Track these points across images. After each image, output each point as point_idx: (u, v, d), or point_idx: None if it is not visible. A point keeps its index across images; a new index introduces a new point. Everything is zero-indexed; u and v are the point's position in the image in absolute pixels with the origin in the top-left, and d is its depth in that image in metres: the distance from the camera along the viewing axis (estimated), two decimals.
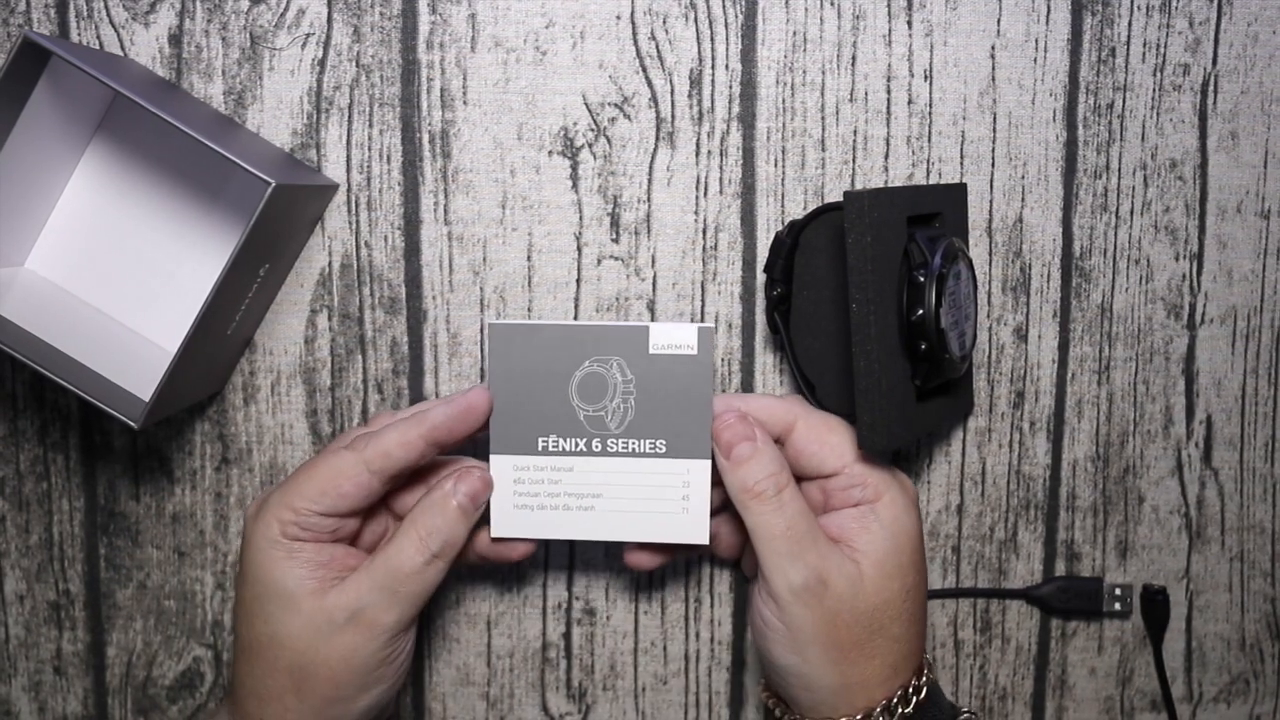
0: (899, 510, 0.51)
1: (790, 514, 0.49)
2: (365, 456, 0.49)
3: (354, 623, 0.48)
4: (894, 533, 0.50)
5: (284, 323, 0.57)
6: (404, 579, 0.48)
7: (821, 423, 0.52)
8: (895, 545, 0.50)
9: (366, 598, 0.48)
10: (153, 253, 0.55)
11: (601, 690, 0.60)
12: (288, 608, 0.48)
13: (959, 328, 0.53)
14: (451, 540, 0.49)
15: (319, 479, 0.49)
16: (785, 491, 0.49)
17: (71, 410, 0.57)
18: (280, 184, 0.47)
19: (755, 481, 0.49)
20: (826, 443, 0.51)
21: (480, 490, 0.50)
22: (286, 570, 0.48)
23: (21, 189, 0.52)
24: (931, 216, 0.55)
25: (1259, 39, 0.58)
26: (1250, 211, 0.59)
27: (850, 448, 0.51)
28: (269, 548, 0.49)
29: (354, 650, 0.48)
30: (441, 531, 0.48)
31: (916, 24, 0.57)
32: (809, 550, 0.48)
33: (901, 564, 0.50)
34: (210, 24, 0.55)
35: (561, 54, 0.56)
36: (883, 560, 0.49)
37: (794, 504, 0.49)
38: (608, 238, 0.57)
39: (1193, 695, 0.62)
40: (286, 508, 0.48)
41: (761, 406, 0.52)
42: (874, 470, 0.51)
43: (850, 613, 0.48)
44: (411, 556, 0.48)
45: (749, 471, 0.49)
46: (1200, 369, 0.59)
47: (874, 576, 0.49)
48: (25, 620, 0.58)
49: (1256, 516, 0.61)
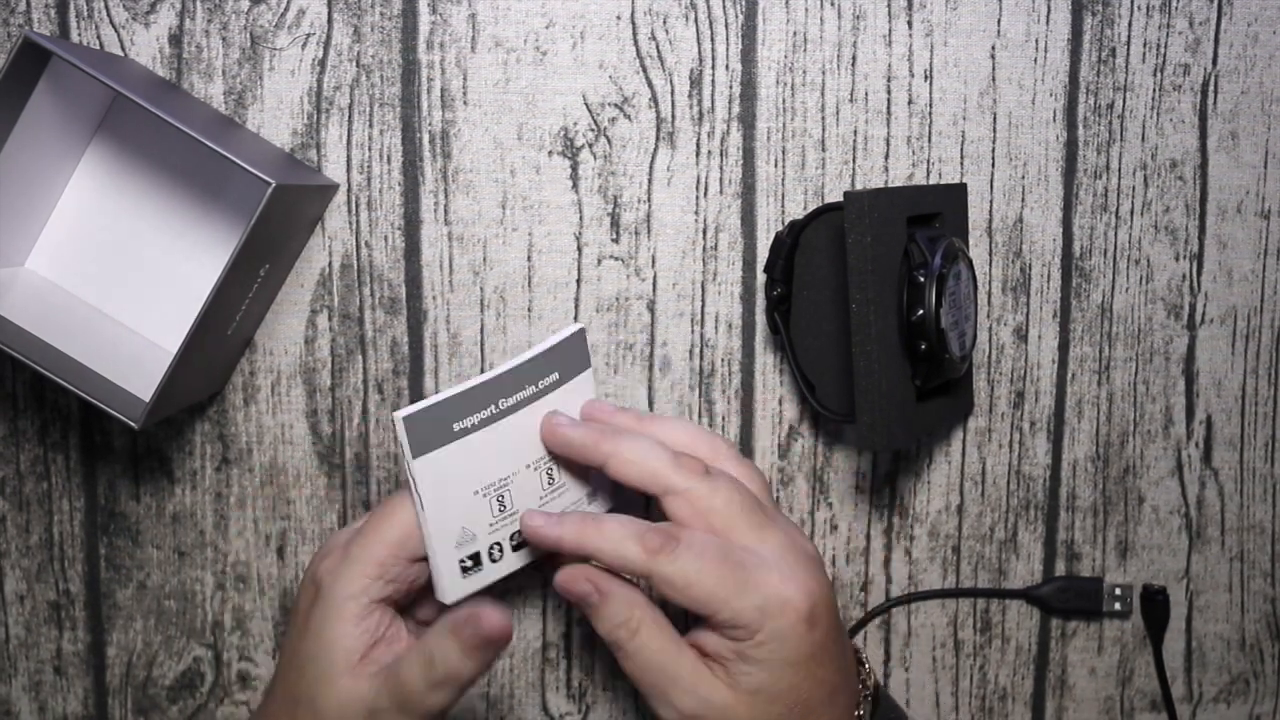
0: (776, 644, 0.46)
1: (643, 661, 0.47)
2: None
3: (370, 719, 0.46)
4: (770, 666, 0.47)
5: (284, 323, 0.57)
6: (408, 698, 0.46)
7: (678, 572, 0.46)
8: (771, 678, 0.47)
9: (380, 703, 0.46)
10: (153, 253, 0.55)
11: (601, 690, 0.60)
12: (330, 676, 0.47)
13: (959, 328, 0.53)
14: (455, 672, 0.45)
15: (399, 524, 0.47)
16: (636, 638, 0.47)
17: (71, 410, 0.57)
18: (280, 184, 0.47)
19: (605, 633, 0.47)
20: (685, 595, 0.46)
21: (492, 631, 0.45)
22: (345, 633, 0.47)
23: (21, 189, 0.52)
24: (931, 216, 0.55)
25: (1259, 39, 0.58)
26: (1250, 211, 0.59)
27: (714, 596, 0.46)
28: (344, 603, 0.47)
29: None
30: (445, 661, 0.45)
31: (916, 24, 0.57)
32: (670, 690, 0.47)
33: (781, 690, 0.47)
34: (210, 24, 0.55)
35: (562, 54, 0.56)
36: (757, 691, 0.47)
37: (647, 649, 0.47)
38: (608, 238, 0.57)
39: (1193, 695, 0.62)
40: (372, 562, 0.47)
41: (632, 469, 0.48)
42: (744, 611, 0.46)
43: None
44: (415, 679, 0.46)
45: (598, 626, 0.48)
46: (1200, 369, 0.59)
47: (750, 704, 0.47)
48: (25, 620, 0.58)
49: (1256, 516, 0.61)
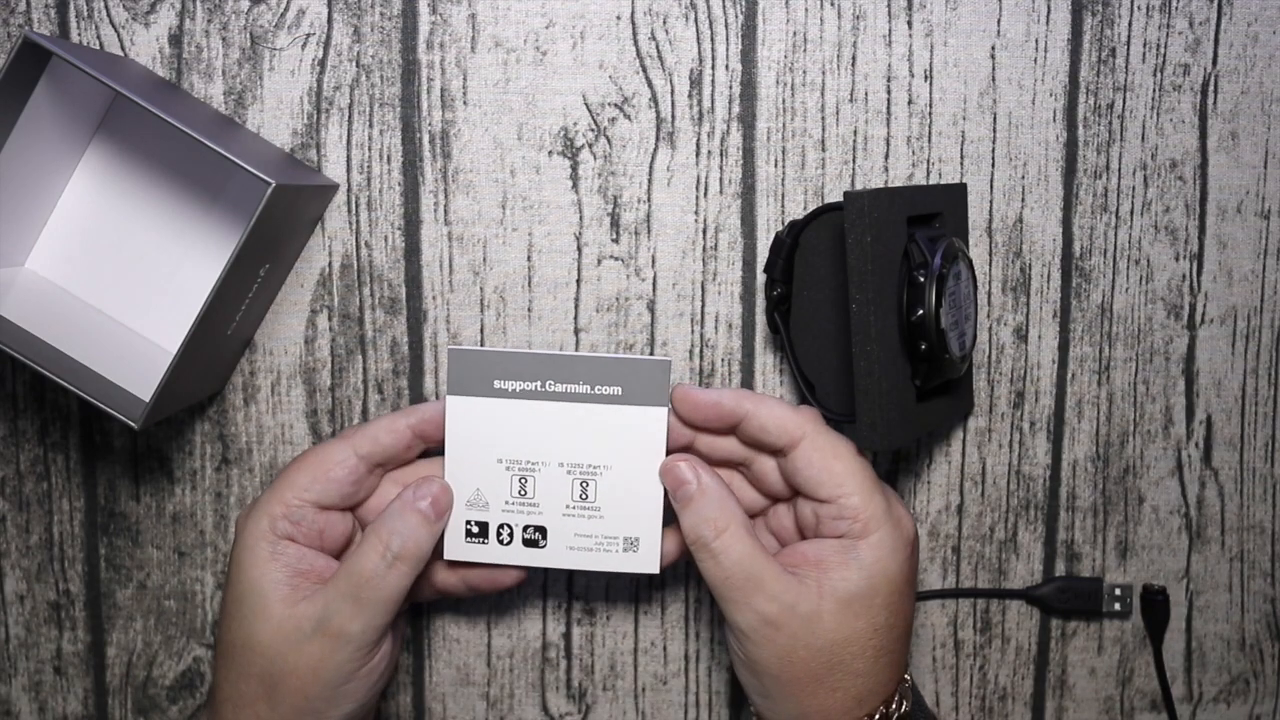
0: (884, 552, 0.49)
1: (728, 563, 0.48)
2: (353, 442, 0.49)
3: (321, 632, 0.47)
4: (871, 574, 0.48)
5: (284, 323, 0.57)
6: (365, 583, 0.47)
7: (827, 446, 0.50)
8: (869, 586, 0.48)
9: (332, 605, 0.47)
10: (153, 253, 0.55)
11: (601, 690, 0.60)
12: (260, 613, 0.48)
13: (959, 328, 0.53)
14: (412, 543, 0.48)
15: (308, 467, 0.49)
16: (723, 537, 0.48)
17: (71, 410, 0.57)
18: (280, 184, 0.47)
19: (691, 527, 0.48)
20: (826, 468, 0.49)
21: (440, 495, 0.49)
22: (265, 571, 0.48)
23: (21, 189, 0.52)
24: (931, 216, 0.55)
25: (1259, 39, 0.58)
26: (1250, 211, 0.59)
27: (851, 479, 0.49)
28: (255, 544, 0.49)
29: (321, 661, 0.47)
30: (401, 534, 0.48)
31: (916, 24, 0.57)
32: (754, 595, 0.47)
33: (872, 605, 0.48)
34: (210, 24, 0.55)
35: (561, 54, 0.56)
36: (850, 600, 0.48)
37: (734, 550, 0.48)
38: (608, 238, 0.57)
39: (1193, 695, 0.61)
40: (278, 501, 0.49)
41: (771, 415, 0.50)
42: (868, 506, 0.49)
43: (805, 649, 0.47)
44: (372, 559, 0.47)
45: (686, 519, 0.49)
46: (1200, 369, 0.59)
47: (836, 613, 0.48)
48: (25, 620, 0.58)
49: (1256, 516, 0.61)
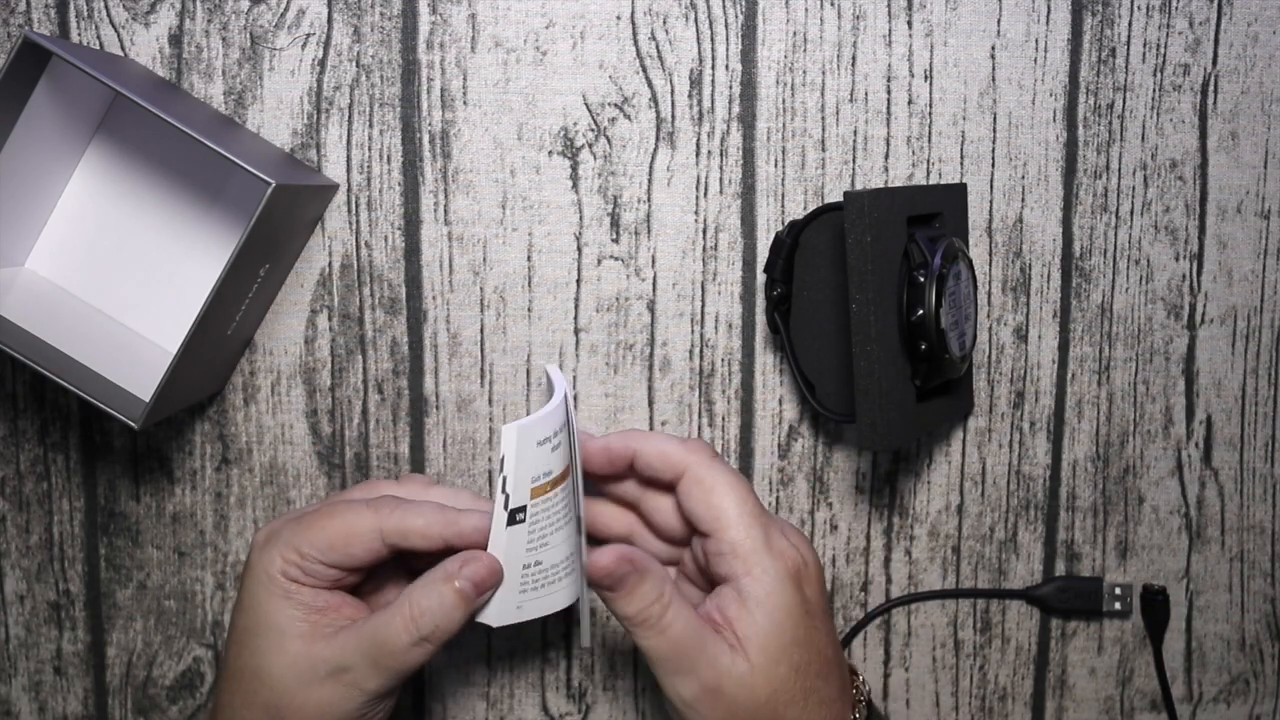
0: (770, 586, 0.48)
1: (675, 633, 0.47)
2: (384, 526, 0.48)
3: (335, 680, 0.47)
4: (769, 610, 0.48)
5: (284, 323, 0.57)
6: (388, 655, 0.47)
7: (709, 479, 0.49)
8: (773, 626, 0.48)
9: (351, 660, 0.47)
10: (153, 253, 0.55)
11: (601, 690, 0.60)
12: (275, 646, 0.48)
13: (959, 328, 0.53)
14: (443, 625, 0.47)
15: (331, 532, 0.48)
16: (669, 612, 0.47)
17: (71, 410, 0.57)
18: (280, 184, 0.47)
19: (637, 612, 0.47)
20: (704, 501, 0.49)
21: (485, 578, 0.48)
22: (281, 607, 0.48)
23: (21, 189, 0.52)
24: (931, 216, 0.55)
25: (1259, 39, 0.58)
26: (1250, 211, 0.59)
27: (727, 513, 0.48)
28: (269, 580, 0.48)
29: (330, 705, 0.47)
30: (434, 615, 0.47)
31: (916, 24, 0.57)
32: (698, 663, 0.47)
33: (784, 645, 0.48)
34: (210, 24, 0.55)
35: (561, 54, 0.56)
36: (765, 645, 0.47)
37: (678, 621, 0.47)
38: (608, 238, 0.57)
39: (1193, 695, 0.61)
40: (293, 549, 0.48)
41: (655, 450, 0.50)
42: (747, 539, 0.48)
43: (746, 708, 0.47)
44: (399, 634, 0.47)
45: (630, 604, 0.47)
46: (1200, 369, 0.59)
47: (762, 665, 0.47)
48: (25, 620, 0.58)
49: (1256, 516, 0.61)
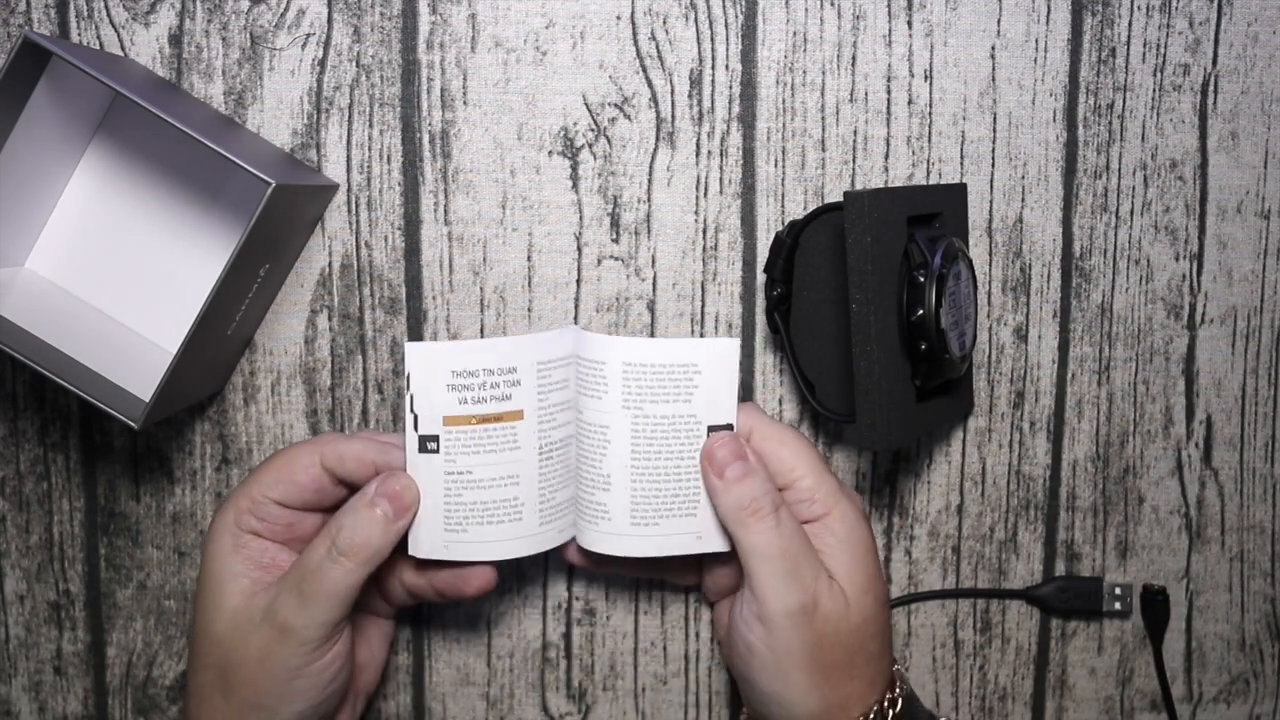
0: (852, 523, 0.49)
1: (789, 532, 0.48)
2: (322, 452, 0.49)
3: (268, 623, 0.48)
4: (853, 545, 0.49)
5: (284, 323, 0.57)
6: (308, 575, 0.47)
7: (776, 434, 0.50)
8: (859, 558, 0.49)
9: (280, 598, 0.48)
10: (153, 253, 0.55)
11: (601, 690, 0.60)
12: (218, 603, 0.49)
13: (959, 328, 0.53)
14: (360, 538, 0.47)
15: (274, 467, 0.50)
16: (782, 509, 0.48)
17: (71, 410, 0.57)
18: (280, 184, 0.47)
19: (753, 499, 0.48)
20: (778, 455, 0.50)
21: (399, 493, 0.48)
22: (227, 564, 0.49)
23: (21, 189, 0.52)
24: (931, 216, 0.55)
25: (1259, 39, 0.58)
26: (1250, 211, 0.59)
27: (802, 462, 0.50)
28: (220, 536, 0.50)
29: (268, 653, 0.48)
30: (349, 528, 0.47)
31: (916, 24, 0.56)
32: (805, 570, 0.48)
33: (870, 575, 0.49)
34: (210, 24, 0.55)
35: (561, 54, 0.56)
36: (853, 576, 0.49)
37: (791, 522, 0.48)
38: (608, 238, 0.57)
39: (1193, 695, 0.61)
40: (244, 496, 0.50)
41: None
42: (823, 485, 0.50)
43: (836, 633, 0.48)
44: (317, 552, 0.48)
45: (746, 489, 0.48)
46: (1200, 369, 0.59)
47: (853, 594, 0.48)
48: (25, 620, 0.58)
49: (1256, 516, 0.61)
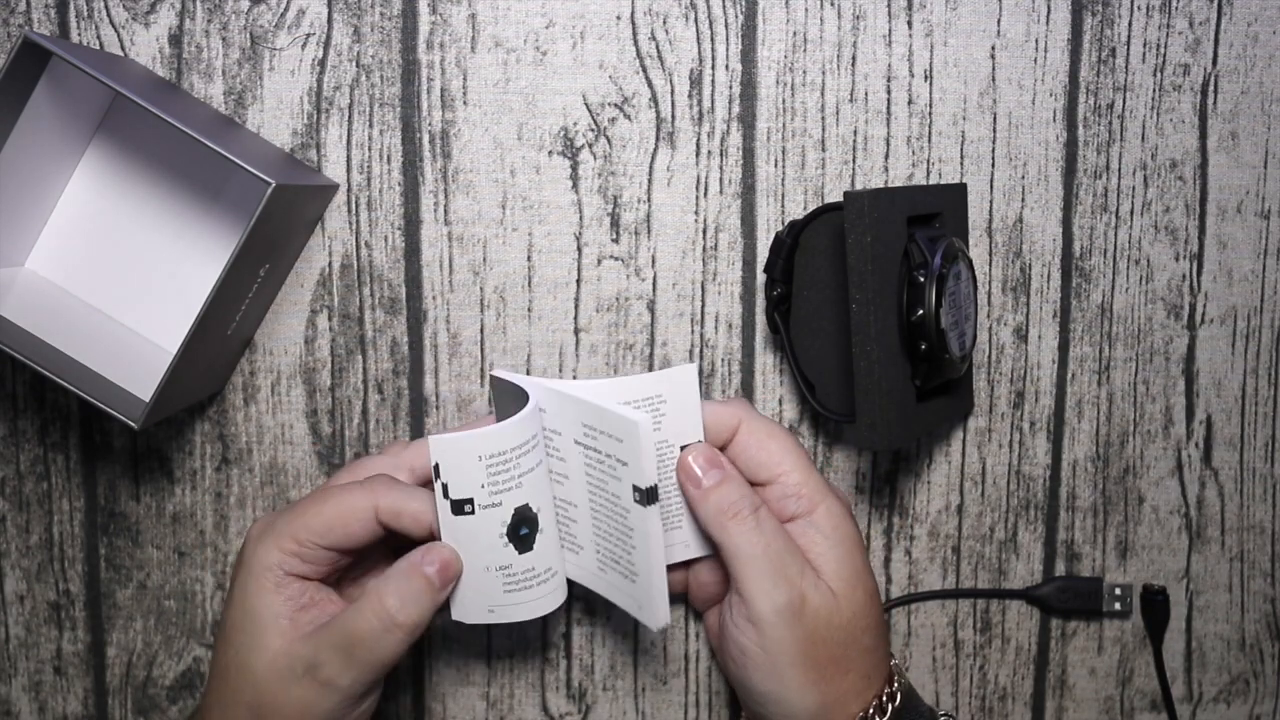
0: (838, 519, 0.50)
1: (769, 532, 0.48)
2: (378, 504, 0.48)
3: (310, 677, 0.47)
4: (839, 541, 0.49)
5: (284, 323, 0.57)
6: (358, 643, 0.47)
7: (764, 428, 0.50)
8: (846, 553, 0.49)
9: (323, 655, 0.47)
10: (153, 253, 0.55)
11: (601, 690, 0.60)
12: (259, 643, 0.48)
13: (959, 328, 0.53)
14: (411, 611, 0.47)
15: (328, 515, 0.48)
16: (761, 510, 0.48)
17: (71, 410, 0.57)
18: (280, 184, 0.47)
19: (731, 503, 0.48)
20: (765, 448, 0.50)
21: (450, 561, 0.48)
22: (269, 602, 0.48)
23: (21, 189, 0.52)
24: (931, 216, 0.55)
25: (1259, 39, 0.58)
26: (1250, 211, 0.59)
27: (789, 457, 0.50)
28: (261, 573, 0.48)
29: (309, 705, 0.47)
30: (402, 597, 0.47)
31: (916, 24, 0.56)
32: (789, 568, 0.48)
33: (857, 570, 0.49)
34: (210, 24, 0.55)
35: (561, 54, 0.56)
36: (839, 571, 0.49)
37: (770, 521, 0.48)
38: (608, 238, 0.57)
39: (1193, 695, 0.61)
40: (291, 538, 0.48)
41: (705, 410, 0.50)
42: (809, 481, 0.50)
43: (827, 628, 0.48)
44: (370, 622, 0.47)
45: (723, 494, 0.48)
46: (1200, 369, 0.59)
47: (841, 589, 0.48)
48: (25, 620, 0.58)
49: (1256, 516, 0.61)
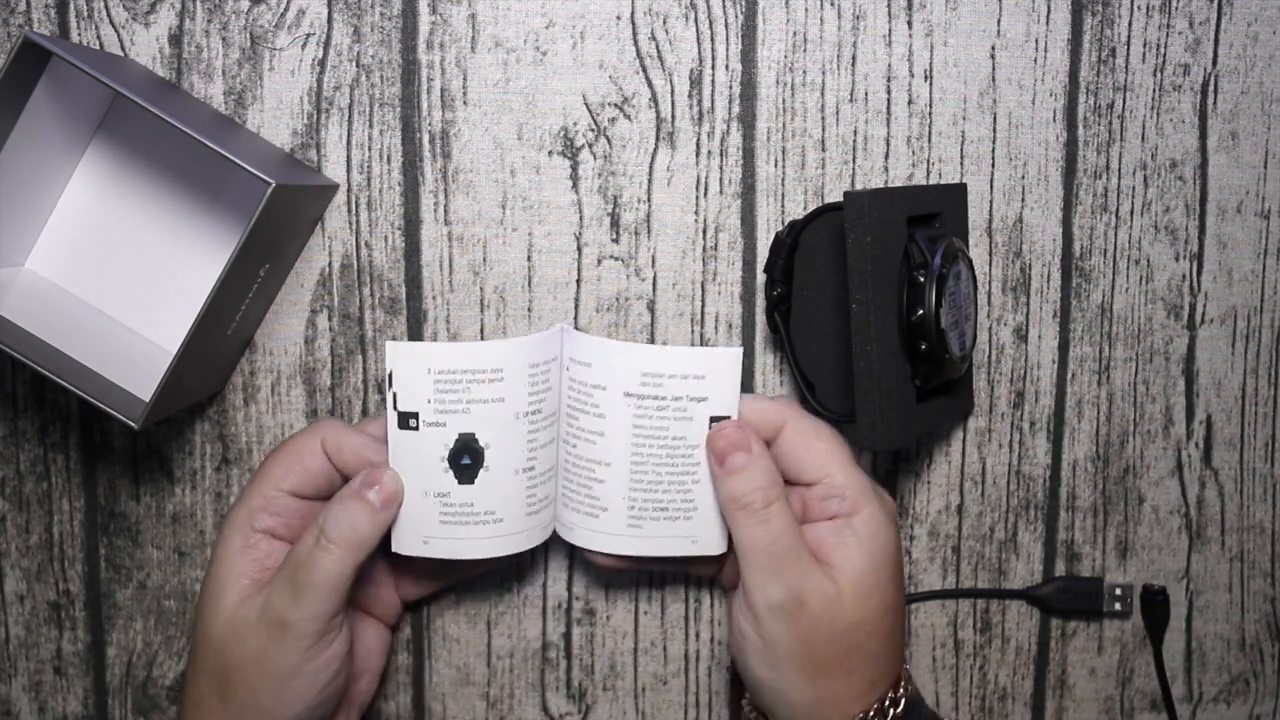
0: (876, 526, 0.49)
1: (775, 530, 0.48)
2: (322, 434, 0.50)
3: (264, 621, 0.47)
4: (871, 549, 0.49)
5: (284, 323, 0.57)
6: (299, 566, 0.47)
7: (810, 428, 0.50)
8: (873, 562, 0.49)
9: (274, 592, 0.48)
10: (153, 253, 0.55)
11: (601, 690, 0.60)
12: (216, 606, 0.49)
13: (959, 328, 0.53)
14: (347, 527, 0.47)
15: (284, 457, 0.50)
16: (773, 506, 0.48)
17: (71, 410, 0.57)
18: (280, 184, 0.47)
19: (744, 494, 0.48)
20: (811, 449, 0.50)
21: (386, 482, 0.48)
22: (233, 565, 0.49)
23: (21, 189, 0.52)
24: (931, 216, 0.55)
25: (1259, 39, 0.58)
26: (1250, 211, 0.59)
27: (834, 458, 0.49)
28: (229, 538, 0.49)
29: (264, 652, 0.47)
30: (337, 516, 0.48)
31: (916, 24, 0.57)
32: (789, 568, 0.47)
33: (880, 581, 0.49)
34: (210, 24, 0.55)
35: (561, 54, 0.56)
36: (860, 578, 0.48)
37: (780, 519, 0.48)
38: (608, 238, 0.57)
39: (1193, 695, 0.61)
40: (256, 494, 0.50)
41: (751, 408, 0.50)
42: (854, 483, 0.49)
43: (827, 631, 0.48)
44: (306, 542, 0.48)
45: (739, 483, 0.48)
46: (1200, 369, 0.59)
47: (851, 595, 0.48)
48: (25, 620, 0.58)
49: (1256, 516, 0.61)
